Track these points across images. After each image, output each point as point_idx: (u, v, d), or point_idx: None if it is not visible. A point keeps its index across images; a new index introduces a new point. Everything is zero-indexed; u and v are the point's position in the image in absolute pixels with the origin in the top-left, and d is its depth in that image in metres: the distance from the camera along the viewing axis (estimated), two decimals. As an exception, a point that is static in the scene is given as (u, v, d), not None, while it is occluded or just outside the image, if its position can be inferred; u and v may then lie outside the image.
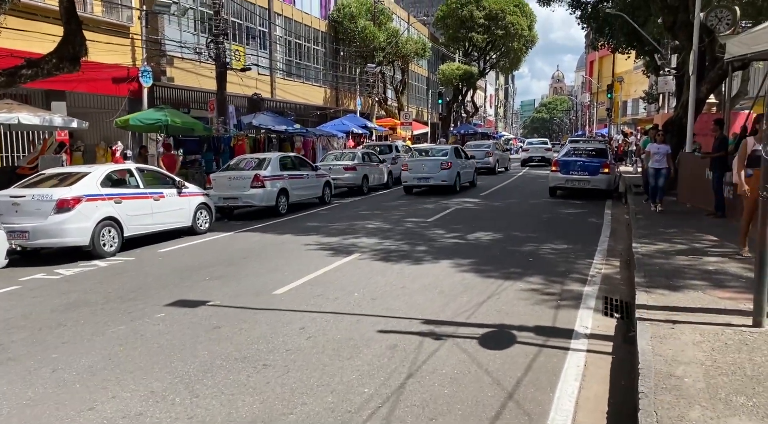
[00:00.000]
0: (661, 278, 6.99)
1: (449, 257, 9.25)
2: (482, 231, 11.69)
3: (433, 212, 14.75)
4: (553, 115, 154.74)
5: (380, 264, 8.86)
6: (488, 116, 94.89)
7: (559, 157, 17.88)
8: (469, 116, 58.97)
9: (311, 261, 9.12)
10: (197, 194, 12.16)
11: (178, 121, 14.86)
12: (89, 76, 18.04)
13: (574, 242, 10.44)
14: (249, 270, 8.57)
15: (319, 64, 33.15)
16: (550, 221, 12.93)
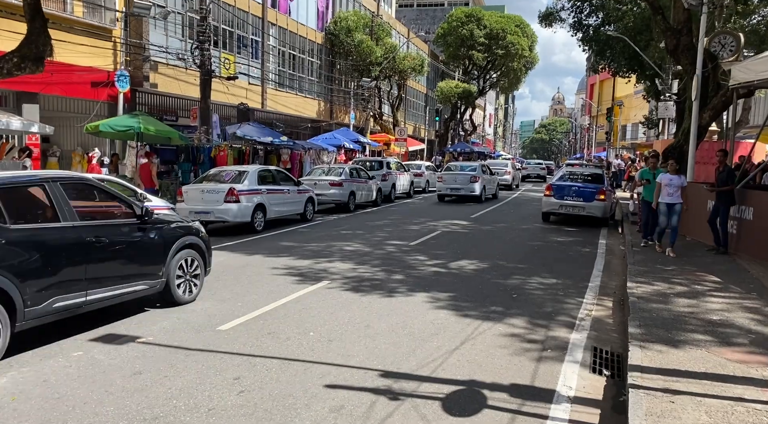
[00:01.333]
0: (658, 328, 6.13)
1: (426, 289, 8.39)
2: (467, 258, 10.84)
3: (418, 234, 13.91)
4: (553, 137, 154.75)
5: (348, 295, 7.99)
6: (487, 135, 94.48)
7: (553, 181, 17.09)
8: (467, 135, 58.37)
9: (273, 289, 8.26)
10: (162, 208, 11.27)
11: (152, 128, 14.04)
12: (66, 79, 17.33)
13: (564, 275, 9.60)
14: (199, 298, 7.69)
15: (314, 77, 32.48)
16: (540, 250, 12.09)
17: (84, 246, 5.98)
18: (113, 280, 6.37)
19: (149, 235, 6.93)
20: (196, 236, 7.74)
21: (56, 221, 5.82)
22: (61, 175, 6.57)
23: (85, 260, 5.99)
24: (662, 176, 11.00)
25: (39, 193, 5.95)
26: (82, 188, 6.62)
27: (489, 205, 21.80)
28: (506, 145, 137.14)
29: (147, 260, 6.89)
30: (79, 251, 5.94)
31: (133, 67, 19.76)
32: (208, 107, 18.71)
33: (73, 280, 5.85)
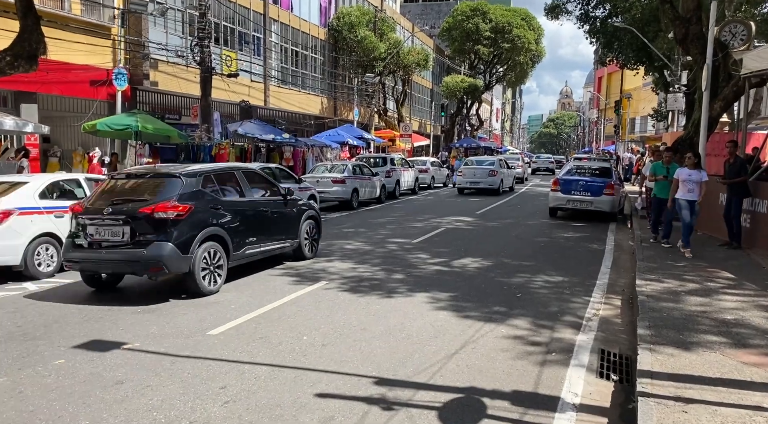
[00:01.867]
0: (669, 329, 5.82)
1: (426, 289, 8.11)
2: (470, 256, 10.54)
3: (421, 231, 13.62)
4: (561, 131, 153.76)
5: (346, 296, 7.72)
6: (494, 130, 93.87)
7: (560, 175, 16.74)
8: (473, 130, 57.91)
9: (269, 290, 8.00)
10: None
11: (150, 127, 13.82)
12: (64, 78, 17.14)
13: (570, 273, 9.28)
14: (192, 301, 7.44)
15: (317, 73, 32.19)
16: (546, 247, 11.77)
17: (258, 214, 8.96)
18: (273, 238, 9.25)
19: (290, 208, 9.84)
20: (314, 210, 10.71)
21: (242, 197, 8.78)
22: (241, 166, 10.48)
23: (258, 223, 8.91)
24: (680, 171, 10.25)
25: (233, 178, 8.87)
26: (251, 175, 9.46)
27: (496, 201, 21.47)
28: (514, 140, 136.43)
29: (290, 226, 9.74)
30: (256, 217, 8.89)
31: (132, 65, 19.55)
32: (209, 105, 18.48)
33: (253, 236, 8.71)
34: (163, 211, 7.35)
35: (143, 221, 7.34)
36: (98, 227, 7.50)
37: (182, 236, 7.42)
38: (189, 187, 7.82)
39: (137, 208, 7.42)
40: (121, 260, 7.41)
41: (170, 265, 7.35)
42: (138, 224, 7.35)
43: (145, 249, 7.28)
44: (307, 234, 10.23)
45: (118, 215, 7.41)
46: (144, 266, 7.37)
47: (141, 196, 7.74)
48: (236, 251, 8.27)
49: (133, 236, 7.35)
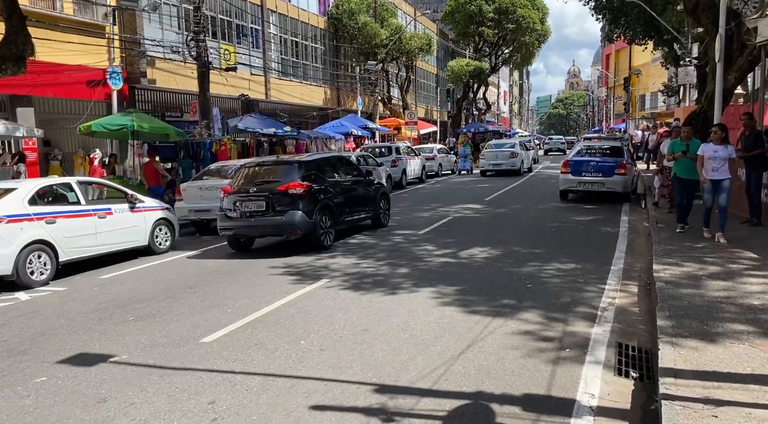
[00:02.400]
0: (691, 319, 5.41)
1: (432, 283, 7.74)
2: (479, 246, 10.15)
3: (427, 221, 13.23)
4: (570, 111, 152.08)
5: (348, 294, 7.38)
6: (502, 113, 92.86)
7: (570, 156, 16.24)
8: (481, 114, 57.14)
9: (268, 291, 7.67)
10: (155, 209, 10.77)
11: (146, 126, 13.51)
12: (60, 80, 16.87)
13: (583, 259, 8.87)
14: (187, 305, 7.14)
15: (318, 63, 31.70)
16: (558, 232, 11.34)
17: (351, 191, 11.67)
18: (361, 210, 12.05)
19: (370, 187, 12.58)
20: (386, 188, 14.08)
21: (340, 178, 11.60)
22: (336, 155, 14.70)
23: (351, 198, 11.60)
24: (705, 147, 9.21)
25: (332, 164, 11.87)
26: (344, 161, 12.89)
27: (505, 186, 21.01)
28: (523, 122, 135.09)
29: (371, 201, 12.48)
30: (350, 193, 11.59)
31: (129, 63, 19.24)
32: (208, 100, 18.14)
33: (348, 208, 11.39)
34: (294, 188, 10.07)
35: (279, 196, 10.07)
36: (246, 202, 10.21)
37: (307, 206, 10.09)
38: (306, 171, 10.54)
39: (275, 186, 10.19)
40: (266, 225, 10.21)
41: (301, 227, 10.06)
42: (276, 198, 10.08)
43: (283, 216, 9.98)
44: (382, 207, 12.87)
45: (261, 192, 10.19)
46: (283, 228, 10.15)
47: (274, 179, 10.44)
48: (338, 218, 10.96)
49: (273, 207, 10.08)
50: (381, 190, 13.07)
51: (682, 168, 9.95)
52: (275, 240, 11.25)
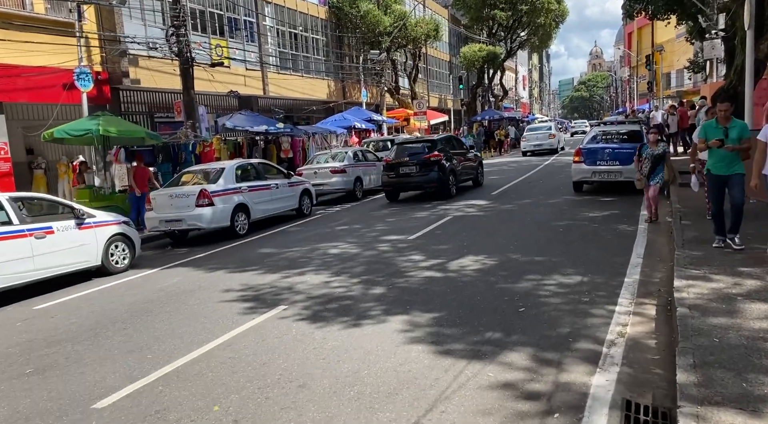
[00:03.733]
0: (724, 371, 4.02)
1: (406, 309, 6.43)
2: (472, 253, 8.80)
3: (423, 223, 11.90)
4: (593, 93, 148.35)
5: (302, 328, 6.11)
6: (521, 99, 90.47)
7: (583, 144, 14.70)
8: (497, 100, 55.29)
9: (209, 324, 6.45)
10: (109, 224, 9.64)
11: (113, 129, 12.40)
12: (34, 84, 15.87)
13: (592, 269, 7.47)
14: (105, 349, 5.95)
15: (320, 55, 30.35)
16: (566, 232, 9.91)
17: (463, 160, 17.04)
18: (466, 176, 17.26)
19: (473, 158, 18.11)
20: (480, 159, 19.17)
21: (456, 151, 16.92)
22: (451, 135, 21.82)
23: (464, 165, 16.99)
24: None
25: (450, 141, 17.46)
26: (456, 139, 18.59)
27: (517, 177, 19.52)
28: (544, 107, 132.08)
29: (473, 170, 17.75)
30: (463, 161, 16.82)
31: (109, 63, 18.19)
32: (192, 99, 17.00)
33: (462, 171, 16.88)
34: (433, 157, 15.15)
35: (424, 162, 15.23)
36: (402, 167, 15.51)
37: (440, 169, 15.16)
38: (439, 146, 15.71)
39: (421, 156, 15.39)
40: (416, 182, 15.54)
41: (438, 183, 15.25)
42: (422, 163, 15.25)
43: (427, 175, 15.20)
44: (480, 172, 18.18)
45: (412, 160, 15.45)
46: (427, 183, 15.39)
47: (419, 151, 15.64)
48: (458, 178, 16.11)
49: (420, 170, 15.22)
50: (479, 159, 18.69)
51: (718, 161, 7.41)
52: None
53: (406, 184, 15.69)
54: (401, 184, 15.81)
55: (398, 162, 15.59)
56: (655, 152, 9.99)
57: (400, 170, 15.51)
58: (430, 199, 15.68)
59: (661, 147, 10.08)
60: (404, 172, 15.44)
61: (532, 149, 30.35)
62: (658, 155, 9.98)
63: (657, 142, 10.11)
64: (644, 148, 10.20)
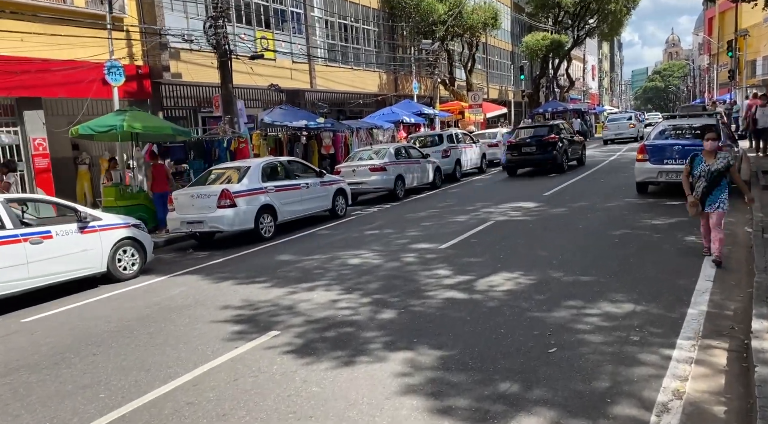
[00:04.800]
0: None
1: (413, 342, 5.39)
2: (507, 269, 7.63)
3: (460, 229, 10.76)
4: (669, 83, 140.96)
5: (286, 362, 5.19)
6: (590, 90, 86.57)
7: (649, 140, 13.10)
8: (563, 91, 52.72)
9: (185, 353, 5.62)
10: (117, 227, 9.03)
11: (138, 125, 11.88)
12: (72, 79, 15.66)
13: (647, 294, 6.19)
14: (59, 382, 5.20)
15: (371, 46, 29.35)
16: (621, 244, 8.55)
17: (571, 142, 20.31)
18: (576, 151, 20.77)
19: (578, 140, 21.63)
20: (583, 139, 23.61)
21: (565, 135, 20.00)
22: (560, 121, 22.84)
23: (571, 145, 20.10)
24: None
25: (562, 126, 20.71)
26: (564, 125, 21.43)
27: (576, 176, 17.98)
28: (615, 98, 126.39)
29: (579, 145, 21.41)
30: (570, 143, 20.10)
31: (151, 56, 17.87)
32: (230, 93, 16.42)
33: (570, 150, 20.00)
34: (551, 139, 18.50)
35: (543, 143, 18.56)
36: (523, 147, 18.85)
37: (556, 149, 18.57)
38: (555, 130, 19.06)
39: (541, 138, 18.68)
40: (535, 160, 18.88)
41: (554, 160, 18.50)
42: (541, 144, 18.57)
43: (544, 154, 18.50)
44: (581, 152, 21.26)
45: (533, 141, 18.74)
46: (545, 161, 18.63)
47: (539, 134, 18.97)
48: (569, 156, 19.74)
49: (539, 149, 18.50)
50: (583, 143, 21.88)
51: None
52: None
53: (527, 161, 19.07)
54: (522, 161, 19.16)
55: (520, 143, 18.94)
56: (713, 167, 7.06)
57: (522, 150, 18.84)
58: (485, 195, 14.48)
59: (722, 159, 7.10)
60: (525, 151, 18.77)
61: (613, 137, 33.07)
62: (718, 171, 7.05)
63: (715, 152, 7.19)
64: (697, 162, 7.28)
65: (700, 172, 7.19)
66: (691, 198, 7.25)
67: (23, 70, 14.58)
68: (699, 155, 7.32)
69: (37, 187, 14.98)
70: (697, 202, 7.21)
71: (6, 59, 14.18)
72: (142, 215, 12.69)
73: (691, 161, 7.36)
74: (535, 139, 18.73)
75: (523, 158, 18.98)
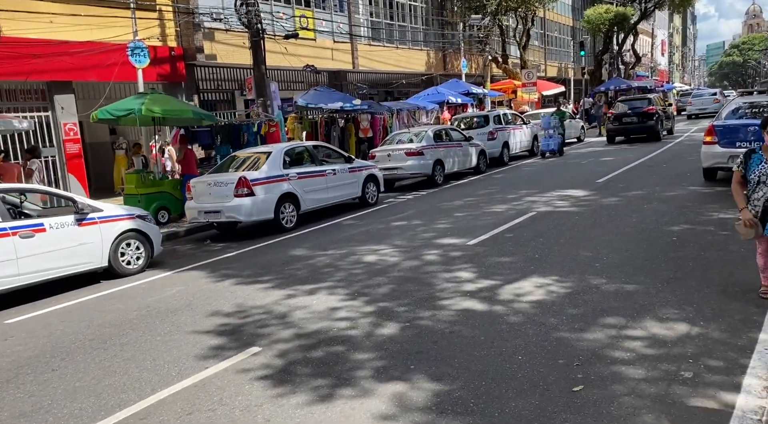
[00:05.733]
0: None
1: (408, 369, 4.47)
2: (540, 273, 6.57)
3: (495, 221, 9.68)
4: (748, 58, 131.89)
5: (254, 392, 4.37)
6: (658, 66, 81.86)
7: (719, 120, 11.53)
8: (628, 68, 49.74)
9: (146, 374, 4.89)
10: (120, 218, 8.45)
11: (158, 109, 11.30)
12: (105, 61, 15.29)
13: (708, 309, 5.06)
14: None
15: (418, 24, 28.04)
16: (679, 245, 7.29)
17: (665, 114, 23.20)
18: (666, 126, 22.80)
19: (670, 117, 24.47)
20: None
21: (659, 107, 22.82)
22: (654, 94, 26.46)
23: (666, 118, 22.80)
24: None
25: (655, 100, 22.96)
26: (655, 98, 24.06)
27: (638, 158, 16.45)
28: (686, 75, 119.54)
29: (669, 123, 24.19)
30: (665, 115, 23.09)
31: (184, 37, 17.38)
32: (263, 75, 15.70)
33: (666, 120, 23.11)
34: (650, 111, 20.93)
35: (643, 114, 20.98)
36: (625, 118, 21.05)
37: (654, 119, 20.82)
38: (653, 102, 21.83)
39: (641, 110, 21.14)
40: (636, 129, 21.09)
41: (653, 128, 20.96)
42: (641, 115, 20.95)
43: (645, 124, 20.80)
44: (673, 125, 23.92)
45: (632, 112, 21.23)
46: (646, 130, 20.98)
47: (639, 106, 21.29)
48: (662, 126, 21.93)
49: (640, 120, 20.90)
50: (672, 115, 24.25)
51: None
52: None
53: (627, 130, 21.35)
54: (623, 131, 21.40)
55: (622, 114, 21.22)
56: None
57: (623, 120, 21.16)
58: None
59: None
60: (626, 121, 21.11)
61: (697, 112, 34.81)
62: None
63: None
64: (755, 161, 5.13)
65: (760, 175, 5.03)
66: (747, 212, 5.07)
67: (54, 52, 14.32)
68: (757, 152, 5.16)
69: (68, 173, 14.79)
70: (756, 221, 5.02)
71: (36, 42, 13.90)
72: (164, 203, 12.21)
73: (746, 160, 5.17)
74: (634, 111, 21.07)
75: (624, 127, 21.24)
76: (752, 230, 5.05)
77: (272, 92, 16.13)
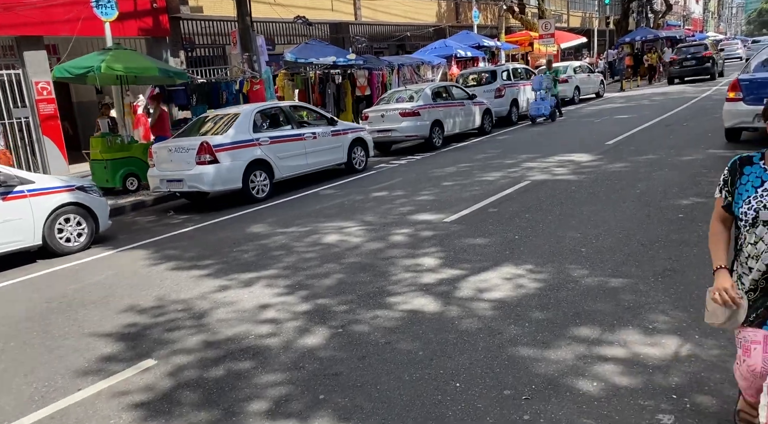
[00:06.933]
0: None
1: (312, 404, 3.55)
2: (514, 261, 5.54)
3: (485, 191, 8.61)
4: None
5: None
6: (692, 14, 77.54)
7: (744, 73, 10.12)
8: (657, 17, 46.82)
9: (5, 397, 4.06)
10: (55, 191, 7.59)
11: (119, 66, 10.29)
12: (79, 15, 14.17)
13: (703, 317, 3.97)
14: None
15: (427, -31, 26.17)
16: (686, 223, 6.15)
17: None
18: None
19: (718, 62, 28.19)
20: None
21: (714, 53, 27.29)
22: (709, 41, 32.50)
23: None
24: None
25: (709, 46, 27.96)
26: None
27: (657, 116, 15.03)
28: (722, 23, 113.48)
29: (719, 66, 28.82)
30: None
31: (165, -11, 16.18)
32: (248, 28, 14.49)
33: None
34: (708, 55, 25.54)
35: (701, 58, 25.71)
36: (685, 62, 25.83)
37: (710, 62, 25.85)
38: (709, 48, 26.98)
39: (698, 53, 25.63)
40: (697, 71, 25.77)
41: (710, 71, 25.84)
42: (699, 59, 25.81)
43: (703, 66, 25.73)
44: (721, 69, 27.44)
45: (691, 57, 25.78)
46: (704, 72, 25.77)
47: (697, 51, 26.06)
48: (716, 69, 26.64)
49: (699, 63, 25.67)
50: (717, 59, 26.47)
51: None
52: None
53: (687, 72, 25.52)
54: (684, 73, 25.57)
55: (683, 58, 25.31)
56: None
57: (683, 64, 25.33)
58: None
59: None
60: (686, 65, 25.28)
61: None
62: None
63: None
64: (749, 180, 2.55)
65: (758, 203, 2.50)
66: (724, 279, 2.55)
67: (23, 4, 13.29)
68: (757, 162, 2.59)
69: (43, 135, 13.95)
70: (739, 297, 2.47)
71: (3, -8, 12.88)
72: (133, 169, 11.35)
73: (733, 177, 2.62)
74: (693, 56, 25.44)
75: (684, 70, 25.56)
76: (726, 312, 2.50)
77: (259, 46, 14.92)
